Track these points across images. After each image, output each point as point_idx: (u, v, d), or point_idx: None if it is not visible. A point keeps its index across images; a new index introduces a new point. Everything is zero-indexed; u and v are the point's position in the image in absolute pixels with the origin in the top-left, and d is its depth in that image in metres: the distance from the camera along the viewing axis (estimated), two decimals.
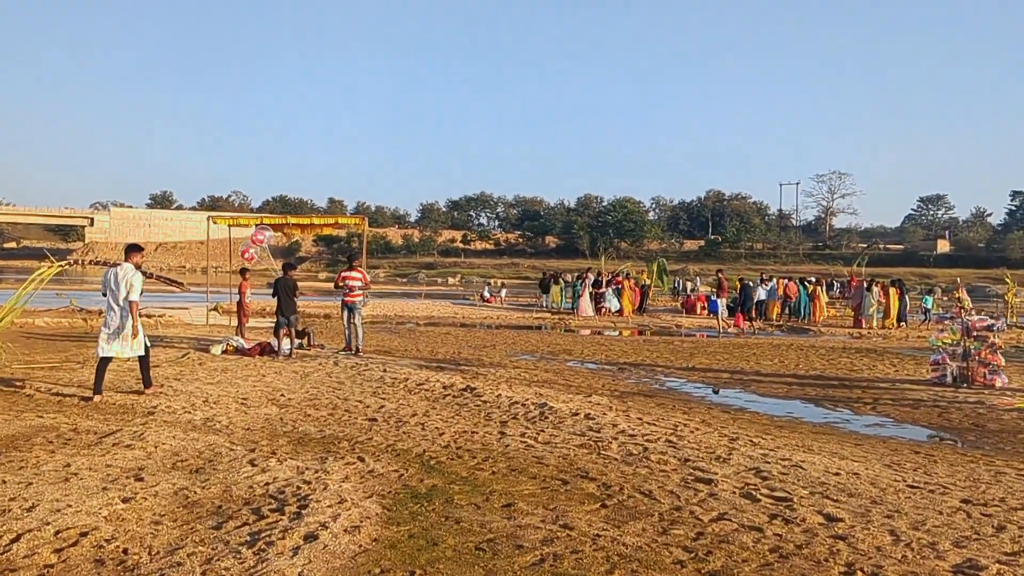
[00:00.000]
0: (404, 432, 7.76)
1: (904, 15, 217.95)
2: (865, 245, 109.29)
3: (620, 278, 32.58)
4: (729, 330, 24.39)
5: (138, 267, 9.61)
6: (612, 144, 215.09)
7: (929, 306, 25.47)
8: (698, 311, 32.29)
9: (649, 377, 13.20)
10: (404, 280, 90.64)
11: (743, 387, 12.29)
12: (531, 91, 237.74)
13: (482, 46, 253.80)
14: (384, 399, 9.73)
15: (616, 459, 6.71)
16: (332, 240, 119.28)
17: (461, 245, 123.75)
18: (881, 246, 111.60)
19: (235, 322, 18.13)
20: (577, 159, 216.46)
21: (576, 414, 8.68)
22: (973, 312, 12.33)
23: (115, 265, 9.56)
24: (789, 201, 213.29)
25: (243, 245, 20.55)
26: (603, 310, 29.22)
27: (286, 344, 14.21)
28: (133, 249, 9.86)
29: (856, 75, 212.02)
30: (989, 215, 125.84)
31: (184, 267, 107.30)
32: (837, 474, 6.37)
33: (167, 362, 12.71)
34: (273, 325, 14.78)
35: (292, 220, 29.70)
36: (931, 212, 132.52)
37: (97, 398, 9.19)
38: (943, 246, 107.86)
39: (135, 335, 9.38)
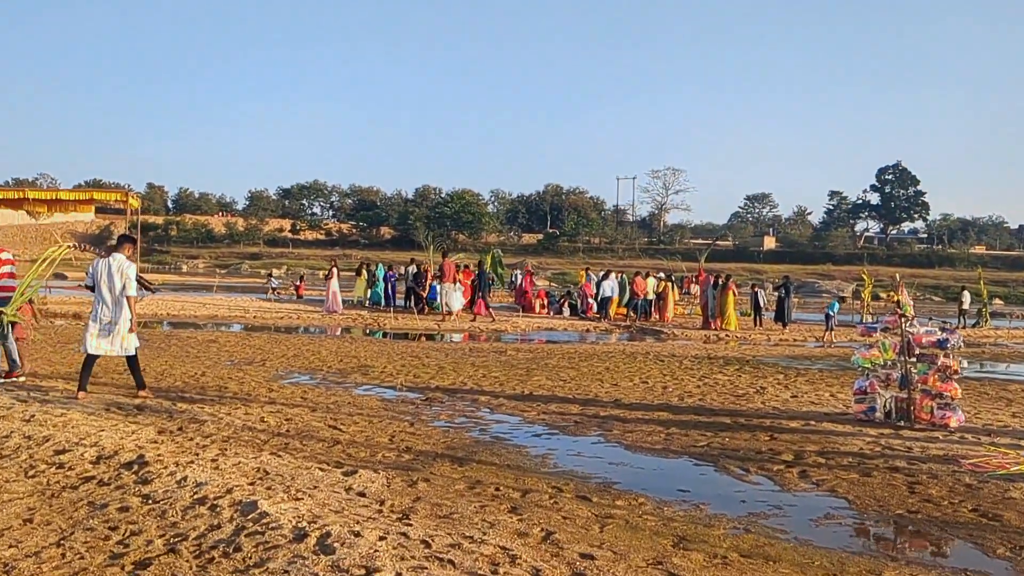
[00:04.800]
0: None
1: (735, 18, 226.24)
2: (699, 240, 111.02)
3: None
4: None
5: (129, 259, 8.93)
6: (451, 136, 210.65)
7: (833, 313, 22.52)
8: (537, 309, 28.70)
9: (468, 415, 9.05)
10: (224, 272, 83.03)
11: (603, 432, 8.33)
12: (368, 78, 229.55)
13: (318, 32, 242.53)
14: None
15: None
16: (148, 228, 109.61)
17: (290, 235, 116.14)
18: (729, 241, 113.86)
19: None
20: (415, 150, 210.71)
21: (304, 535, 4.38)
22: (916, 321, 8.90)
23: (106, 255, 8.98)
24: (625, 196, 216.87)
25: None
26: (425, 309, 25.04)
27: None
28: (126, 240, 9.23)
29: (690, 73, 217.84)
30: (810, 213, 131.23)
31: None
32: None
33: None
34: None
35: (32, 194, 23.78)
36: (757, 210, 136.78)
37: (81, 395, 8.56)
38: (769, 242, 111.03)
39: (131, 330, 8.88)
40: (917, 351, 8.63)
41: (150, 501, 5.06)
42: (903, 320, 8.68)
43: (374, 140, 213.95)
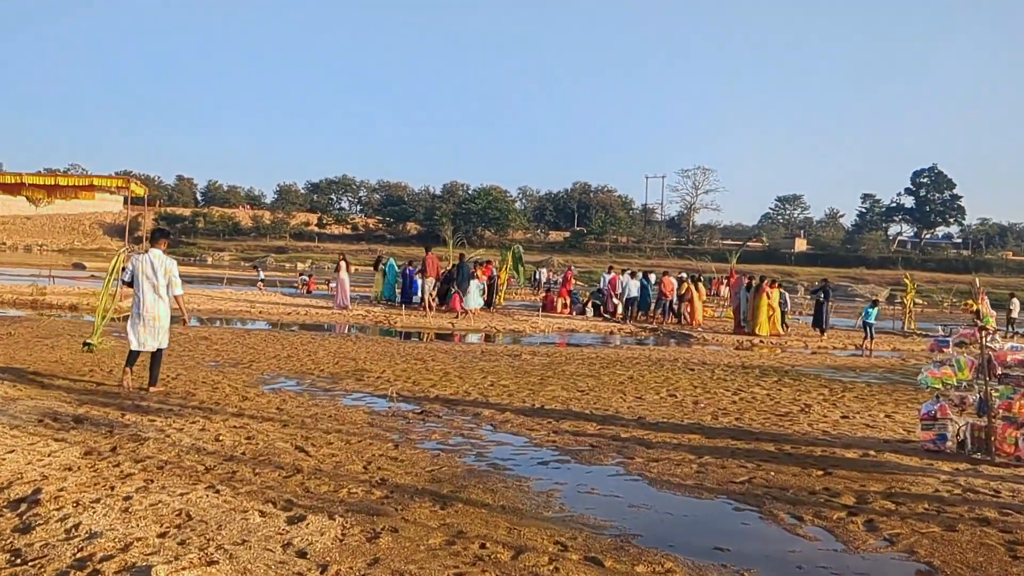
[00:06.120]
0: None
1: (769, 17, 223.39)
2: (728, 240, 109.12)
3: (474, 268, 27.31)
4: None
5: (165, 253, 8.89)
6: (479, 132, 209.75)
7: (871, 320, 20.57)
8: (559, 309, 27.37)
9: (466, 433, 7.77)
10: (248, 265, 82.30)
11: (623, 460, 7.01)
12: (399, 74, 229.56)
13: (349, 28, 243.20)
14: None
15: None
16: (176, 219, 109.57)
17: (316, 229, 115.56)
18: (762, 242, 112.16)
19: None
20: (444, 146, 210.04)
21: None
22: (998, 336, 7.51)
23: (145, 252, 8.81)
24: (654, 195, 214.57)
25: None
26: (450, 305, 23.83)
27: None
28: (161, 235, 9.20)
29: (719, 72, 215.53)
30: (842, 216, 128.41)
31: (4, 244, 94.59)
32: None
33: None
34: None
35: (29, 179, 22.74)
36: (788, 211, 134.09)
37: (127, 380, 8.80)
38: (800, 244, 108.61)
39: (186, 321, 9.42)
40: (1000, 371, 7.24)
41: (18, 561, 3.84)
42: (983, 334, 7.28)
43: (403, 136, 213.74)
